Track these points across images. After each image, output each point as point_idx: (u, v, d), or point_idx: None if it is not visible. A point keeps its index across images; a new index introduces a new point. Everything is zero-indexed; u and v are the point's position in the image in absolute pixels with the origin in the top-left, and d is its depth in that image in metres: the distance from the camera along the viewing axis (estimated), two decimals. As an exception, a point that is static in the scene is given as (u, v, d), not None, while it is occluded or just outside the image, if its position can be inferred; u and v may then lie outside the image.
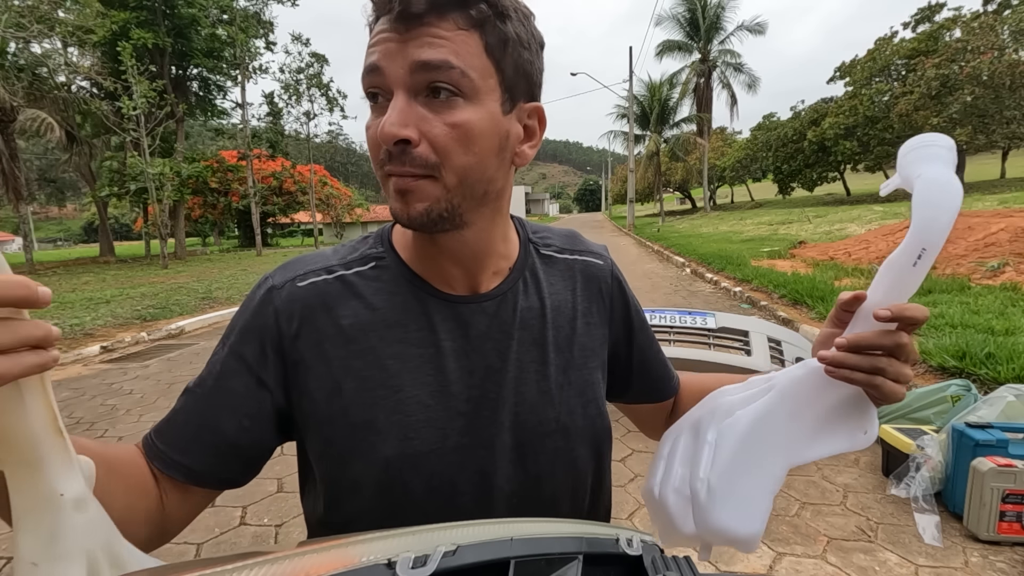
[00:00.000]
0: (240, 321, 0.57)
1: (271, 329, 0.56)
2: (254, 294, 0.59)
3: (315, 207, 25.54)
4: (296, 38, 23.09)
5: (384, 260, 0.60)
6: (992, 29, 18.21)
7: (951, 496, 2.10)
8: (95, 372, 4.96)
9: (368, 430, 0.54)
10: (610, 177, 62.32)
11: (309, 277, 0.58)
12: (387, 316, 0.57)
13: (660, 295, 7.67)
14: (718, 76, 32.59)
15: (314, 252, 0.62)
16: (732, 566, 1.88)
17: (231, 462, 0.56)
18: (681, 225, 23.77)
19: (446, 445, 0.56)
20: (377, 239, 0.63)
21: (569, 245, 0.70)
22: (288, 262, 0.61)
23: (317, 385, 0.55)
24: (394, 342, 0.56)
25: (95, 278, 13.35)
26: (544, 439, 0.60)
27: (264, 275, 0.60)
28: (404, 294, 0.58)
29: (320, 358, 0.55)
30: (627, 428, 3.13)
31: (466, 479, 0.56)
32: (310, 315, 0.56)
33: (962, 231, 7.05)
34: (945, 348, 3.54)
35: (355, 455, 0.54)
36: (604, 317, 0.68)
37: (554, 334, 0.62)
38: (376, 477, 0.54)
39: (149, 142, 15.42)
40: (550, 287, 0.64)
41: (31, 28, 13.98)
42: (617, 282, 0.71)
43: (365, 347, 0.55)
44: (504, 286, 0.61)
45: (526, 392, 0.60)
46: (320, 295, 0.57)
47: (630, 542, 0.37)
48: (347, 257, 0.60)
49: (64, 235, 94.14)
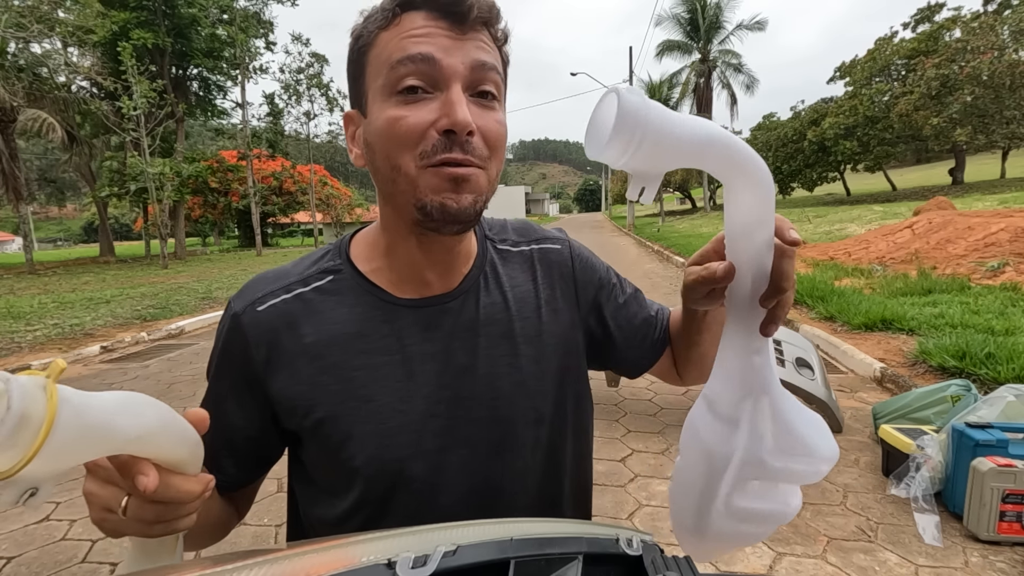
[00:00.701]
0: (216, 355, 0.61)
1: (242, 360, 0.58)
2: (222, 324, 0.61)
3: (315, 207, 25.55)
4: (296, 38, 23.11)
5: (341, 272, 0.61)
6: (992, 29, 18.20)
7: (951, 496, 2.10)
8: (95, 372, 4.96)
9: (346, 441, 0.56)
10: (610, 177, 62.32)
11: (268, 300, 0.58)
12: (348, 329, 0.58)
13: (660, 295, 7.67)
14: (718, 76, 32.57)
15: (274, 269, 0.63)
16: (732, 566, 1.88)
17: (253, 466, 0.63)
18: (681, 225, 23.75)
19: (423, 447, 0.57)
20: (335, 252, 0.63)
21: (524, 236, 0.70)
22: (248, 283, 0.62)
23: (293, 404, 0.57)
24: (358, 353, 0.57)
25: (95, 278, 13.35)
26: (525, 430, 0.61)
27: (229, 299, 0.62)
28: (363, 305, 0.59)
29: (292, 378, 0.57)
30: (627, 428, 3.13)
31: (448, 479, 0.57)
32: (274, 338, 0.57)
33: (962, 231, 7.05)
34: (945, 348, 3.54)
35: (338, 464, 0.57)
36: (570, 300, 0.68)
37: (521, 326, 0.63)
38: (359, 483, 0.56)
39: (149, 142, 15.42)
40: (511, 280, 0.65)
41: (31, 28, 13.98)
42: (579, 259, 0.71)
43: (330, 362, 0.57)
44: (466, 284, 0.62)
45: (500, 386, 0.60)
46: (281, 316, 0.58)
47: (630, 542, 0.37)
48: (305, 273, 0.61)
49: (64, 235, 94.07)
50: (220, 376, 0.60)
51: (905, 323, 4.44)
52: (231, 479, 0.61)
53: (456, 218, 0.51)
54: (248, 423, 0.59)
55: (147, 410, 0.38)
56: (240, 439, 0.60)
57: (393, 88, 0.50)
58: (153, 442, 0.39)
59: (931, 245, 7.14)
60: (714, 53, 32.39)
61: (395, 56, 0.50)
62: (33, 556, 2.13)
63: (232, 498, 0.64)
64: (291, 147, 30.71)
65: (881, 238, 8.42)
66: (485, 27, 0.52)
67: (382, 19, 0.52)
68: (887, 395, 3.33)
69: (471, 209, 0.51)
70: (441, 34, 0.50)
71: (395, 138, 0.50)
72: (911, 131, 20.55)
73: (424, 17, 0.50)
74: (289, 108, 24.82)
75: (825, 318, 5.12)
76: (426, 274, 0.59)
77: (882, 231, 8.85)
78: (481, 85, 0.51)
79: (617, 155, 0.38)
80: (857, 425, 2.96)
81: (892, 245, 7.87)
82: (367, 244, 0.63)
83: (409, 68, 0.49)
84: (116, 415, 0.35)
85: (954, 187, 21.13)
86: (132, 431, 0.36)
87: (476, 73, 0.50)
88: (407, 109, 0.50)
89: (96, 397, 0.34)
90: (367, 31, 0.53)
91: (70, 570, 2.04)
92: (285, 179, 27.88)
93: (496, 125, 0.52)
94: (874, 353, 3.99)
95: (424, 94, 0.50)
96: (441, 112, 0.49)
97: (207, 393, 0.62)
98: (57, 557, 2.12)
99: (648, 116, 0.37)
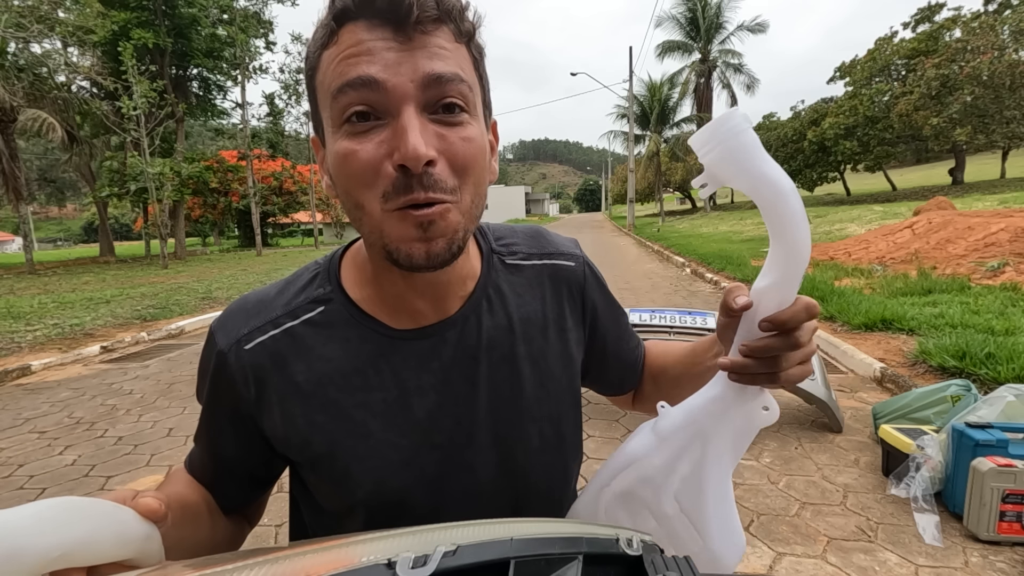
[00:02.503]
0: (205, 390, 0.58)
1: (231, 398, 0.56)
2: (207, 358, 0.57)
3: (315, 207, 25.55)
4: (296, 38, 23.08)
5: (332, 302, 0.56)
6: (992, 29, 18.19)
7: (951, 496, 2.10)
8: (95, 372, 4.96)
9: (345, 477, 0.54)
10: (610, 177, 62.29)
11: (255, 336, 0.54)
12: (343, 366, 0.54)
13: (660, 295, 7.66)
14: (718, 76, 32.56)
15: (257, 292, 0.58)
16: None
17: (256, 487, 0.63)
18: (681, 225, 23.76)
19: (424, 478, 0.55)
20: (324, 276, 0.58)
21: (536, 248, 0.66)
22: (231, 311, 0.57)
23: (288, 442, 0.55)
24: (355, 391, 0.54)
25: (95, 278, 13.35)
26: (526, 452, 0.60)
27: (211, 325, 0.57)
28: (357, 339, 0.55)
29: (284, 417, 0.54)
30: (627, 428, 3.13)
31: (451, 504, 0.56)
32: (264, 376, 0.54)
33: (962, 231, 7.05)
34: (945, 348, 3.53)
35: (338, 494, 0.56)
36: (578, 319, 0.66)
37: (526, 348, 0.60)
38: (361, 511, 0.55)
39: (149, 142, 15.41)
40: (517, 299, 0.61)
41: (31, 28, 13.97)
42: (592, 279, 0.68)
43: (325, 401, 0.54)
44: (466, 310, 0.58)
45: (502, 410, 0.58)
46: (269, 355, 0.54)
47: (630, 542, 0.37)
48: (293, 303, 0.56)
49: (64, 235, 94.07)
50: (211, 411, 0.58)
51: (905, 323, 4.44)
52: (235, 501, 0.61)
53: (427, 266, 0.46)
54: (246, 453, 0.58)
55: (73, 522, 0.35)
56: (239, 467, 0.59)
57: (339, 119, 0.44)
58: (84, 553, 0.35)
59: (931, 245, 7.14)
60: (714, 53, 32.38)
61: (335, 84, 0.43)
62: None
63: (243, 513, 0.64)
64: (291, 147, 30.70)
65: (881, 238, 8.42)
66: (440, 24, 0.44)
67: (323, 36, 0.45)
68: (887, 395, 3.33)
69: (444, 254, 0.46)
70: (384, 47, 0.42)
71: (351, 176, 0.45)
72: (911, 131, 20.55)
73: (364, 29, 0.43)
74: (289, 108, 24.84)
75: (825, 318, 5.12)
76: (416, 304, 0.55)
77: (882, 231, 8.85)
78: (441, 99, 0.44)
79: (698, 146, 0.47)
80: (857, 425, 2.96)
81: (892, 245, 7.87)
82: (356, 268, 0.58)
83: (351, 97, 0.43)
84: (32, 537, 0.32)
85: (954, 187, 21.13)
86: (54, 551, 0.33)
87: (431, 89, 0.43)
88: (357, 142, 0.44)
89: (5, 521, 0.32)
90: (312, 52, 0.47)
91: (70, 570, 2.04)
92: (285, 179, 27.89)
93: (463, 145, 0.45)
94: (874, 353, 3.99)
95: (376, 120, 0.43)
96: (392, 144, 0.43)
97: (201, 422, 0.60)
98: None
99: (734, 136, 0.45)
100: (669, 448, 0.52)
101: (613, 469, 0.56)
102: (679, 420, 0.52)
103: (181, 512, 0.51)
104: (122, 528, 0.38)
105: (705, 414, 0.51)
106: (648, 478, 0.53)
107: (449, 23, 0.44)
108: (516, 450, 0.59)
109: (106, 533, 0.37)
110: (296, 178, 27.98)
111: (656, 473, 0.53)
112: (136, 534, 0.39)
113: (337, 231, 31.62)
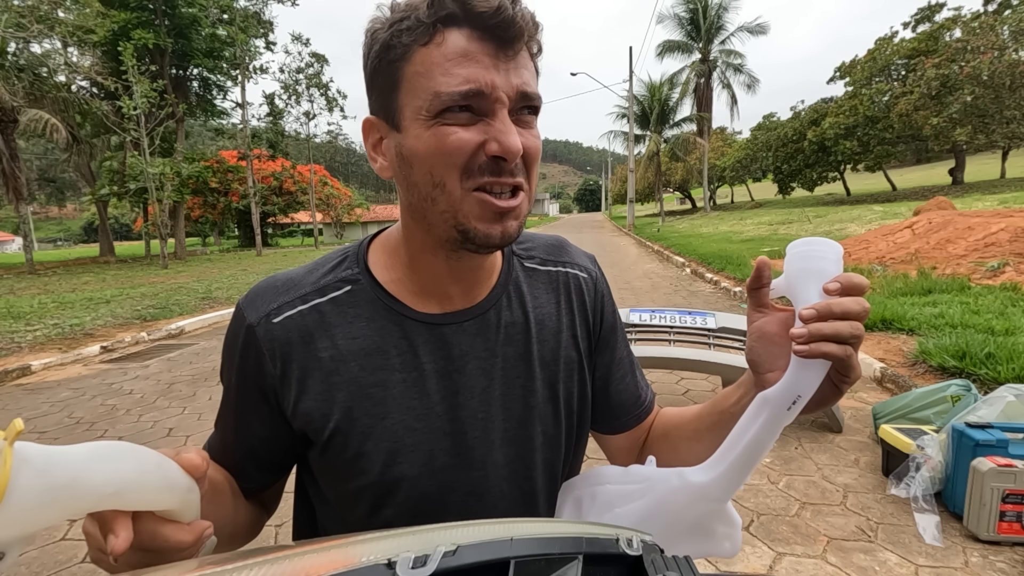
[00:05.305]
0: (231, 366, 0.59)
1: (257, 373, 0.57)
2: (235, 335, 0.58)
3: (315, 207, 25.56)
4: (296, 38, 23.13)
5: (359, 283, 0.58)
6: (992, 29, 18.19)
7: (951, 496, 2.10)
8: (95, 372, 4.96)
9: (357, 457, 0.56)
10: (610, 177, 62.31)
11: (284, 311, 0.56)
12: (366, 344, 0.56)
13: (660, 295, 7.67)
14: (718, 76, 32.61)
15: (285, 274, 0.60)
16: (732, 566, 1.88)
17: (277, 470, 0.63)
18: (681, 225, 23.76)
19: (433, 466, 0.56)
20: (353, 259, 0.61)
21: (553, 256, 0.69)
22: (259, 289, 0.59)
23: (308, 417, 0.56)
24: (376, 370, 0.56)
25: (95, 278, 13.35)
26: (534, 453, 0.61)
27: (239, 303, 0.59)
28: (381, 319, 0.57)
29: (306, 392, 0.56)
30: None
31: (456, 499, 0.57)
32: (290, 351, 0.56)
33: (962, 231, 7.05)
34: (945, 348, 3.53)
35: (347, 477, 0.57)
36: (587, 330, 0.67)
37: (539, 348, 0.62)
38: (367, 497, 0.57)
39: (149, 142, 15.42)
40: (534, 300, 0.64)
41: (31, 28, 13.97)
42: (604, 294, 0.70)
43: (347, 378, 0.55)
44: (487, 302, 0.60)
45: (513, 408, 0.60)
46: (297, 329, 0.56)
47: (630, 542, 0.37)
48: (321, 281, 0.59)
49: (64, 235, 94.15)
50: (237, 388, 0.59)
51: (905, 323, 4.44)
52: (256, 483, 0.62)
53: (500, 244, 0.52)
54: (268, 432, 0.59)
55: (125, 461, 0.36)
56: (261, 447, 0.60)
57: (437, 109, 0.48)
58: (134, 494, 0.36)
59: (931, 245, 7.14)
60: (715, 53, 32.42)
61: (443, 88, 0.47)
62: (33, 556, 2.13)
63: (260, 499, 0.65)
64: (291, 147, 30.74)
65: (881, 238, 8.42)
66: (528, 43, 0.51)
67: (420, 33, 0.48)
68: (887, 395, 3.33)
69: (516, 234, 0.53)
70: (491, 62, 0.48)
71: (443, 155, 0.49)
72: (911, 131, 20.55)
73: (467, 38, 0.47)
74: (289, 108, 24.85)
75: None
76: (449, 289, 0.58)
77: (882, 231, 8.85)
78: (524, 106, 0.52)
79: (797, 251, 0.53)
80: (857, 425, 2.96)
81: (892, 245, 7.87)
82: (386, 253, 0.61)
83: (459, 97, 0.48)
84: (87, 471, 0.33)
85: (954, 187, 21.13)
86: (107, 487, 0.34)
87: (520, 101, 0.50)
88: (460, 130, 0.49)
89: (64, 453, 0.32)
90: (400, 42, 0.49)
91: (70, 570, 2.04)
92: (285, 179, 27.92)
93: (535, 141, 0.52)
94: (874, 353, 3.99)
95: (472, 115, 0.49)
96: (489, 135, 0.49)
97: (225, 401, 0.61)
98: (57, 557, 2.12)
99: (812, 257, 0.51)
100: (625, 482, 0.58)
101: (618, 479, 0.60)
102: (647, 479, 0.57)
103: (210, 486, 0.52)
104: (169, 476, 0.40)
105: (668, 490, 0.55)
106: (594, 493, 0.60)
107: (532, 44, 0.52)
108: (524, 450, 0.60)
109: (154, 479, 0.38)
110: (296, 178, 27.98)
111: (600, 492, 0.59)
112: (181, 485, 0.41)
113: (337, 231, 31.64)
